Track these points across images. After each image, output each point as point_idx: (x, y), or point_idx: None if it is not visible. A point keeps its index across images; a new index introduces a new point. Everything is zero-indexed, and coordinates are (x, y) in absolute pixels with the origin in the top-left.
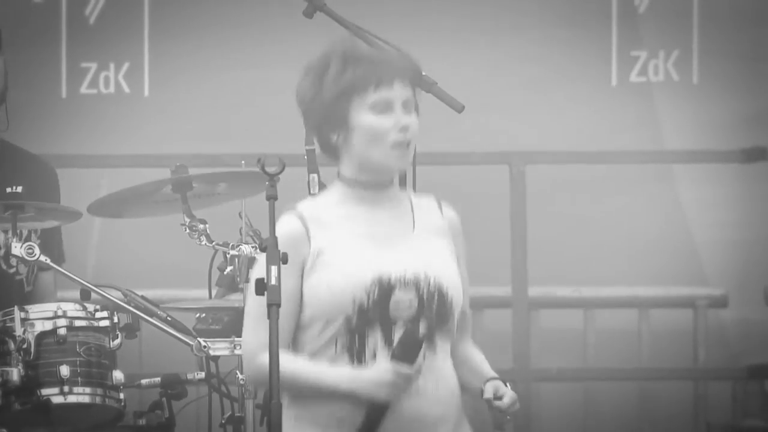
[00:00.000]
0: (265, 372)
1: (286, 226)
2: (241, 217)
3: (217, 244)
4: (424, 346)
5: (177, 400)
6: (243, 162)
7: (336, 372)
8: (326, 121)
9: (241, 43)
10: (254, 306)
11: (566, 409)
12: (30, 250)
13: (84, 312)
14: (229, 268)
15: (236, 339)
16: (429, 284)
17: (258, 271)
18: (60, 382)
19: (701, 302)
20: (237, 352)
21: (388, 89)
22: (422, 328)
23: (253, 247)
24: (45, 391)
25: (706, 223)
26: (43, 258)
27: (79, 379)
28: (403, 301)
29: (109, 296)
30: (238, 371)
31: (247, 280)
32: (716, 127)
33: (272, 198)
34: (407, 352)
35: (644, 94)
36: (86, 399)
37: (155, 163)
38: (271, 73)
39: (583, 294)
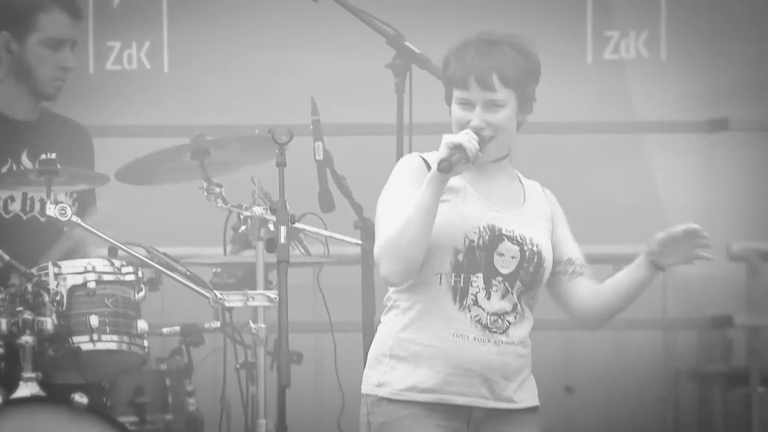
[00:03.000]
0: (391, 239)
1: (409, 159)
2: (253, 181)
3: (232, 206)
4: (512, 308)
5: (195, 347)
6: (257, 131)
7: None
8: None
9: (253, 24)
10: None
11: (548, 357)
12: (63, 211)
13: (111, 267)
14: (242, 228)
15: (249, 291)
16: (533, 247)
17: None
18: (90, 330)
19: None
20: (250, 303)
21: (465, 89)
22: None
23: (264, 208)
24: (76, 339)
25: (673, 187)
26: (74, 218)
27: (107, 328)
28: (508, 250)
29: (134, 253)
30: (251, 321)
31: (260, 238)
32: (683, 100)
33: (281, 165)
34: (447, 165)
35: (617, 71)
36: (113, 346)
37: (174, 133)
38: (281, 52)
39: None
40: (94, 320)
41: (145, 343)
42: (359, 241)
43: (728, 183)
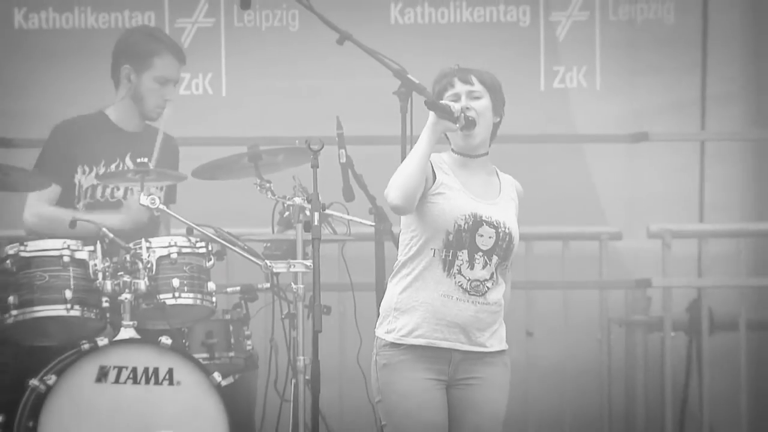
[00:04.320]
0: (395, 176)
1: None
2: (294, 179)
3: (278, 197)
4: (490, 276)
5: (251, 302)
6: (296, 141)
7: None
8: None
9: (291, 58)
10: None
11: (514, 310)
12: (153, 201)
13: (189, 242)
14: (286, 213)
15: (291, 260)
16: (505, 230)
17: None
18: (173, 289)
19: (604, 236)
20: (292, 269)
21: (452, 88)
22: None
23: (302, 198)
24: (162, 296)
25: (605, 183)
26: (161, 206)
27: (185, 287)
28: (487, 232)
29: (205, 232)
30: (292, 282)
31: (299, 221)
32: (613, 119)
33: (315, 167)
34: (439, 107)
35: (563, 96)
36: (190, 301)
37: (232, 143)
38: (314, 80)
39: (525, 231)
40: (176, 282)
41: (214, 299)
42: (373, 223)
43: (647, 180)
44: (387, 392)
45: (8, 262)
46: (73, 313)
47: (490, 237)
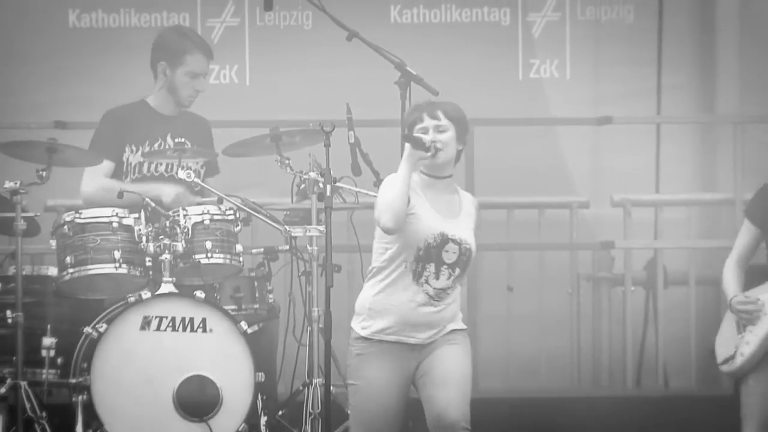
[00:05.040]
0: (382, 201)
1: (394, 175)
2: (309, 156)
3: (296, 172)
4: (451, 286)
5: (273, 261)
6: (311, 124)
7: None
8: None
9: (306, 52)
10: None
11: (496, 268)
12: (188, 175)
13: (219, 210)
14: (302, 185)
15: (307, 226)
16: (467, 245)
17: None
18: (206, 251)
19: (574, 205)
20: (308, 233)
21: (421, 122)
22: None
23: (316, 173)
24: (197, 256)
25: (575, 160)
26: (197, 180)
27: (217, 249)
28: (452, 249)
29: (233, 202)
30: (308, 245)
31: (314, 192)
32: (581, 104)
33: (327, 146)
34: (414, 140)
35: (538, 85)
36: (221, 261)
37: (255, 125)
38: (326, 71)
39: (506, 200)
40: (208, 244)
41: (241, 259)
42: (376, 194)
43: (610, 156)
44: (356, 377)
45: (65, 227)
46: (121, 271)
47: (454, 252)
